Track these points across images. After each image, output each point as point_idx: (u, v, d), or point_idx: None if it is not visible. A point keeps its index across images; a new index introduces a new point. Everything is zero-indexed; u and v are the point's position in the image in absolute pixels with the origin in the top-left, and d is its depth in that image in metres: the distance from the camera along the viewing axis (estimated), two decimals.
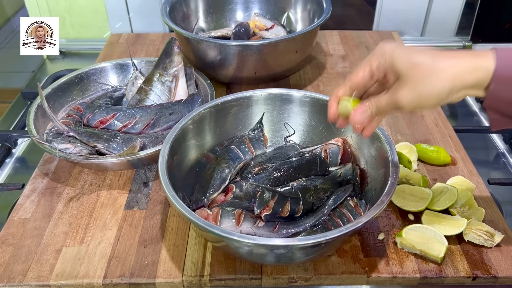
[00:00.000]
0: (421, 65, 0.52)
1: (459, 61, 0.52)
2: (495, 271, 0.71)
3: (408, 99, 0.54)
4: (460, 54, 0.53)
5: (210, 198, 0.78)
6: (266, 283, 0.72)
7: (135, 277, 0.72)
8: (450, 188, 0.82)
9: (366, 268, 0.72)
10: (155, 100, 1.01)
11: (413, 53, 0.54)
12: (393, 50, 0.55)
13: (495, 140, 1.08)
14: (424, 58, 0.53)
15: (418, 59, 0.53)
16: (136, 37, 1.41)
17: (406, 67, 0.53)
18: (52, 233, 0.79)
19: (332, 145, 0.86)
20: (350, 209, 0.74)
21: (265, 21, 1.27)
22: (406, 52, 0.54)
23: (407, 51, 0.54)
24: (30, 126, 0.91)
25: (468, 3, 1.41)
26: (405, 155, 0.89)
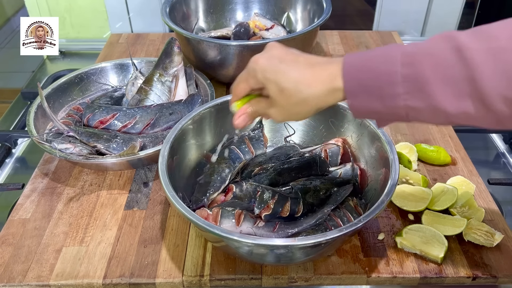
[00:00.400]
0: (287, 91, 0.56)
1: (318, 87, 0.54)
2: (495, 271, 0.71)
3: (278, 117, 0.60)
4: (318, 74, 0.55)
5: (210, 198, 0.78)
6: (266, 283, 0.72)
7: (135, 277, 0.72)
8: (450, 188, 0.82)
9: (366, 268, 0.72)
10: (155, 100, 1.01)
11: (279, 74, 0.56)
12: (264, 71, 0.57)
13: (495, 140, 1.08)
14: (289, 84, 0.55)
15: (284, 85, 0.56)
16: (136, 37, 1.41)
17: (274, 92, 0.57)
18: (52, 233, 0.79)
19: (332, 145, 0.86)
20: (350, 209, 0.74)
21: (265, 21, 1.27)
22: (275, 73, 0.57)
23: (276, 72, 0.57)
24: (30, 126, 0.91)
25: (468, 3, 1.41)
26: (405, 155, 0.89)
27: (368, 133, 0.80)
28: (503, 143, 1.06)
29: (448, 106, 0.47)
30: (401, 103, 0.50)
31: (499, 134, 1.08)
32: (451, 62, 0.46)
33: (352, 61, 0.53)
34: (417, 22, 1.46)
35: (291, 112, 0.58)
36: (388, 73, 0.49)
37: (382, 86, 0.50)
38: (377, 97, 0.51)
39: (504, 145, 1.06)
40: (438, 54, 0.47)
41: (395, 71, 0.49)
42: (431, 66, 0.47)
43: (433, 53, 0.47)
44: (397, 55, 0.49)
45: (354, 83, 0.52)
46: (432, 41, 0.49)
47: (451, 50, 0.46)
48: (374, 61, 0.51)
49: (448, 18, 1.44)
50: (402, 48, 0.50)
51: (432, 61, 0.47)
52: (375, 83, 0.50)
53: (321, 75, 0.54)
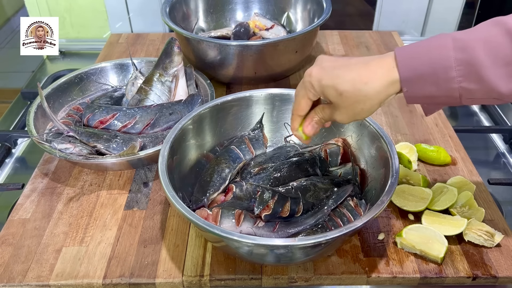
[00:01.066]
0: (346, 93, 0.58)
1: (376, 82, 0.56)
2: (495, 271, 0.71)
3: (344, 119, 0.63)
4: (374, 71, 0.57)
5: (210, 198, 0.78)
6: (266, 283, 0.72)
7: (135, 277, 0.72)
8: (450, 188, 0.82)
9: (366, 268, 0.72)
10: (155, 100, 1.01)
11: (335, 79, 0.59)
12: (320, 80, 0.60)
13: (495, 140, 1.08)
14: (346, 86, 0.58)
15: (341, 87, 0.58)
16: (136, 37, 1.41)
17: (334, 97, 0.59)
18: (52, 233, 0.79)
19: (332, 145, 0.86)
20: (350, 209, 0.74)
21: (265, 21, 1.27)
22: (331, 79, 0.59)
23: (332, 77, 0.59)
24: (30, 126, 0.91)
25: (468, 3, 1.41)
26: (405, 155, 0.89)
27: (368, 133, 0.80)
28: (503, 143, 1.06)
29: (502, 87, 0.50)
30: (456, 86, 0.52)
31: (499, 134, 1.08)
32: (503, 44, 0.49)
33: (404, 51, 0.55)
34: (417, 22, 1.46)
35: (355, 111, 0.60)
36: (441, 58, 0.52)
37: (437, 71, 0.52)
38: (432, 82, 0.53)
39: (504, 145, 1.06)
40: (490, 38, 0.50)
41: (448, 56, 0.51)
42: (484, 50, 0.50)
43: (485, 37, 0.50)
44: (448, 42, 0.52)
45: (409, 71, 0.54)
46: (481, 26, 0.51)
47: (503, 33, 0.49)
48: (426, 48, 0.53)
49: (448, 18, 1.44)
50: (451, 35, 0.52)
51: (485, 44, 0.50)
52: (430, 69, 0.53)
53: (377, 70, 0.56)
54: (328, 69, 0.60)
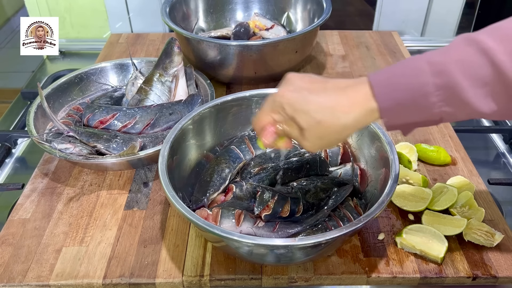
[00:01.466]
0: (324, 122, 0.54)
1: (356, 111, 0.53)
2: (495, 271, 0.71)
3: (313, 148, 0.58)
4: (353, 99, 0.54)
5: (210, 198, 0.78)
6: (266, 283, 0.72)
7: (135, 277, 0.72)
8: (450, 188, 0.82)
9: (366, 268, 0.72)
10: (155, 100, 1.01)
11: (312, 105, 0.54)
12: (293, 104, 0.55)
13: (495, 140, 1.08)
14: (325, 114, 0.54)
15: (319, 116, 0.54)
16: (136, 37, 1.41)
17: (308, 124, 0.55)
18: (52, 233, 0.79)
19: None
20: (350, 209, 0.74)
21: (265, 21, 1.27)
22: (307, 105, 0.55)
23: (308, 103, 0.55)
24: (30, 126, 0.91)
25: (468, 3, 1.41)
26: (405, 155, 0.89)
27: (368, 133, 0.80)
28: (503, 143, 1.06)
29: (483, 107, 0.49)
30: (437, 110, 0.51)
31: (499, 134, 1.08)
32: (479, 64, 0.48)
33: (379, 79, 0.53)
34: (417, 22, 1.46)
35: (330, 140, 0.57)
36: (420, 85, 0.50)
37: (416, 99, 0.50)
38: (413, 110, 0.52)
39: (504, 145, 1.06)
40: (466, 59, 0.48)
41: (426, 82, 0.50)
42: (461, 72, 0.48)
43: (461, 58, 0.49)
44: (424, 66, 0.50)
45: (388, 101, 0.52)
46: (455, 46, 0.50)
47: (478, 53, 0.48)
48: (402, 75, 0.51)
49: (448, 18, 1.44)
50: (426, 58, 0.50)
51: (462, 66, 0.48)
52: (409, 97, 0.51)
53: (356, 98, 0.53)
54: (305, 93, 0.55)
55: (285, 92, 0.57)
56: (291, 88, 0.57)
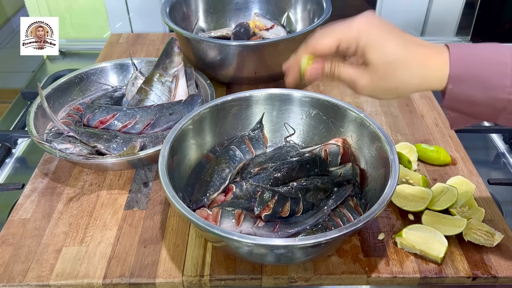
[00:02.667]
0: (393, 64, 0.52)
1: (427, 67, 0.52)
2: (495, 271, 0.71)
3: (367, 88, 0.55)
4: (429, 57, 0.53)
5: (210, 198, 0.78)
6: (266, 283, 0.72)
7: (135, 277, 0.72)
8: (450, 188, 0.82)
9: (366, 268, 0.72)
10: (155, 100, 1.01)
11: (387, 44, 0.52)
12: (370, 34, 0.53)
13: (495, 140, 1.08)
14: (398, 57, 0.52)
15: (392, 56, 0.52)
16: (136, 37, 1.41)
17: (378, 61, 0.53)
18: (52, 233, 0.79)
19: (332, 145, 0.86)
20: (350, 209, 0.74)
21: (265, 21, 1.27)
22: (381, 41, 0.53)
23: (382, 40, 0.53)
24: (30, 126, 0.91)
25: (468, 3, 1.41)
26: (405, 155, 0.89)
27: (368, 133, 0.80)
28: (503, 143, 1.06)
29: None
30: (504, 96, 0.49)
31: (499, 134, 1.08)
32: None
33: (460, 47, 0.52)
34: (417, 22, 1.46)
35: (387, 87, 0.54)
36: (498, 64, 0.49)
37: (491, 76, 0.50)
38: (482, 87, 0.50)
39: (504, 145, 1.06)
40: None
41: (505, 63, 0.49)
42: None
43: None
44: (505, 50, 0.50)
45: (461, 68, 0.51)
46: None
47: None
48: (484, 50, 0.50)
49: (448, 18, 1.44)
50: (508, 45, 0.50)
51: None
52: (484, 72, 0.50)
53: (432, 56, 0.52)
54: (385, 29, 0.53)
55: (365, 22, 0.54)
56: (372, 22, 0.54)
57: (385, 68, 0.53)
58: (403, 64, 0.52)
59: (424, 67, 0.52)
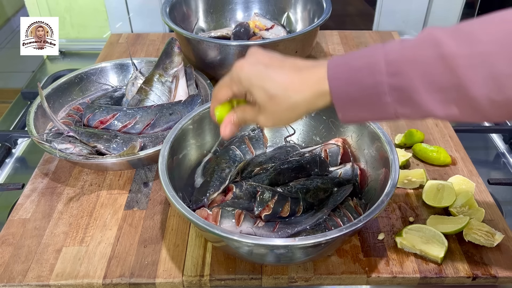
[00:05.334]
0: (276, 97, 0.55)
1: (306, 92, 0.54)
2: (495, 271, 0.71)
3: (268, 124, 0.59)
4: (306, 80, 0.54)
5: (210, 198, 0.78)
6: (266, 283, 0.72)
7: (135, 277, 0.72)
8: (444, 184, 0.82)
9: (366, 268, 0.72)
10: (155, 100, 1.01)
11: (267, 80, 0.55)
12: (250, 78, 0.56)
13: (495, 140, 1.08)
14: (278, 91, 0.54)
15: (273, 91, 0.55)
16: (136, 37, 1.41)
17: (262, 98, 0.56)
18: (52, 233, 0.79)
19: (332, 145, 0.86)
20: (350, 209, 0.74)
21: (265, 21, 1.27)
22: (262, 80, 0.55)
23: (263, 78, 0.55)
24: (30, 126, 0.91)
25: (468, 3, 1.41)
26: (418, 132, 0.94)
27: (368, 133, 0.80)
28: (503, 143, 1.06)
29: (438, 111, 0.48)
30: (391, 110, 0.50)
31: (499, 134, 1.08)
32: (438, 70, 0.46)
33: (336, 71, 0.52)
34: (417, 22, 1.46)
35: (282, 117, 0.57)
36: (374, 85, 0.49)
37: (370, 97, 0.50)
38: (366, 107, 0.51)
39: (504, 145, 1.06)
40: (424, 62, 0.47)
41: (381, 82, 0.49)
42: (418, 75, 0.47)
43: (419, 61, 0.47)
44: (381, 65, 0.49)
45: (341, 95, 0.52)
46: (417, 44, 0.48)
47: (437, 58, 0.46)
48: (358, 72, 0.50)
49: (448, 18, 1.44)
50: (385, 54, 0.49)
51: (419, 70, 0.47)
52: (363, 95, 0.51)
53: (309, 79, 0.54)
54: (261, 67, 0.56)
55: (244, 64, 0.57)
56: (250, 61, 0.57)
57: (270, 104, 0.55)
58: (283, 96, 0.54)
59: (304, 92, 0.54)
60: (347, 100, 0.52)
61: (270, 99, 0.55)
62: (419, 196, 0.84)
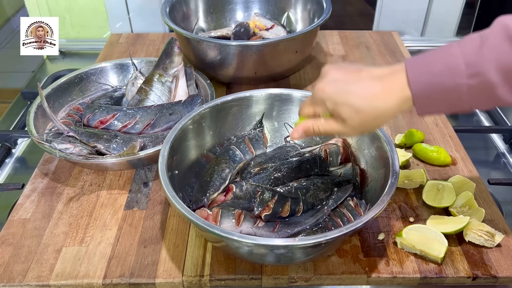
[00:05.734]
0: (363, 110, 0.57)
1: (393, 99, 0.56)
2: (495, 271, 0.71)
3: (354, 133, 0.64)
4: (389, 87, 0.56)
5: (210, 198, 0.78)
6: (266, 283, 0.72)
7: (135, 277, 0.72)
8: (445, 184, 0.82)
9: (366, 268, 0.72)
10: (155, 100, 1.01)
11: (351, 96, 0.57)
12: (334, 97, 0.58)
13: (495, 140, 1.08)
14: (363, 103, 0.57)
15: (358, 105, 0.57)
16: (136, 37, 1.41)
17: (349, 114, 0.58)
18: (52, 233, 0.79)
19: (332, 145, 0.86)
20: (350, 209, 0.74)
21: (265, 21, 1.27)
22: (346, 97, 0.58)
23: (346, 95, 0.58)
24: (30, 126, 0.91)
25: (468, 3, 1.41)
26: (418, 132, 0.94)
27: (368, 133, 0.80)
28: (503, 143, 1.06)
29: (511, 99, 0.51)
30: (467, 106, 0.53)
31: (499, 134, 1.08)
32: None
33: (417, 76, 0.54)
34: (417, 22, 1.46)
35: (369, 126, 0.60)
36: (454, 86, 0.52)
37: (449, 97, 0.53)
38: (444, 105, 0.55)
39: (504, 145, 1.06)
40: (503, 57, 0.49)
41: (461, 84, 0.52)
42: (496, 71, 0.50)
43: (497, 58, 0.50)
44: (461, 67, 0.51)
45: (423, 98, 0.55)
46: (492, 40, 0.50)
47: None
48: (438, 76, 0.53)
49: (448, 18, 1.44)
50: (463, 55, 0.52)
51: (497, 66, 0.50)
52: (442, 96, 0.54)
53: (392, 87, 0.56)
54: (341, 85, 0.58)
55: (324, 86, 0.60)
56: (329, 81, 0.59)
57: (358, 117, 0.58)
58: (371, 108, 0.57)
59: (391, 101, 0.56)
60: (427, 101, 0.55)
61: (357, 113, 0.57)
62: (419, 196, 0.84)
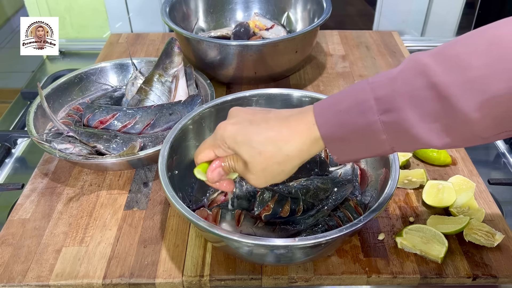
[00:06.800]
0: (265, 152, 0.52)
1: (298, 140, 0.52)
2: (495, 271, 0.71)
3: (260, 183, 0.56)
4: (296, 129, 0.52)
5: (210, 198, 0.78)
6: (266, 283, 0.72)
7: (135, 277, 0.72)
8: (445, 184, 0.82)
9: (366, 268, 0.72)
10: (155, 100, 1.01)
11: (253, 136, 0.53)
12: (235, 137, 0.54)
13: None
14: (266, 144, 0.52)
15: (260, 146, 0.52)
16: (136, 37, 1.41)
17: (250, 157, 0.53)
18: (52, 233, 0.79)
19: None
20: (350, 209, 0.74)
21: (265, 21, 1.27)
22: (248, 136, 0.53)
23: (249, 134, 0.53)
24: (30, 126, 0.91)
25: (468, 3, 1.41)
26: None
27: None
28: (503, 143, 1.06)
29: (435, 141, 0.46)
30: (387, 147, 0.49)
31: None
32: (430, 101, 0.44)
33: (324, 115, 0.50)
34: (417, 22, 1.46)
35: (274, 173, 0.54)
36: (367, 125, 0.48)
37: (365, 137, 0.49)
38: (362, 147, 0.50)
39: (504, 145, 1.06)
40: (415, 93, 0.45)
41: (374, 121, 0.47)
42: (411, 108, 0.45)
43: (410, 93, 0.45)
44: (371, 103, 0.47)
45: (334, 139, 0.50)
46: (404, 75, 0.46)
47: (428, 87, 0.44)
48: (347, 114, 0.49)
49: (448, 18, 1.44)
50: (373, 90, 0.47)
51: (411, 102, 0.45)
52: (357, 136, 0.49)
53: (298, 128, 0.52)
54: (245, 125, 0.54)
55: (226, 125, 0.55)
56: (233, 120, 0.55)
57: (259, 160, 0.53)
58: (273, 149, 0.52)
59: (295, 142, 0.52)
60: (340, 143, 0.50)
61: (259, 154, 0.53)
62: (419, 196, 0.84)
